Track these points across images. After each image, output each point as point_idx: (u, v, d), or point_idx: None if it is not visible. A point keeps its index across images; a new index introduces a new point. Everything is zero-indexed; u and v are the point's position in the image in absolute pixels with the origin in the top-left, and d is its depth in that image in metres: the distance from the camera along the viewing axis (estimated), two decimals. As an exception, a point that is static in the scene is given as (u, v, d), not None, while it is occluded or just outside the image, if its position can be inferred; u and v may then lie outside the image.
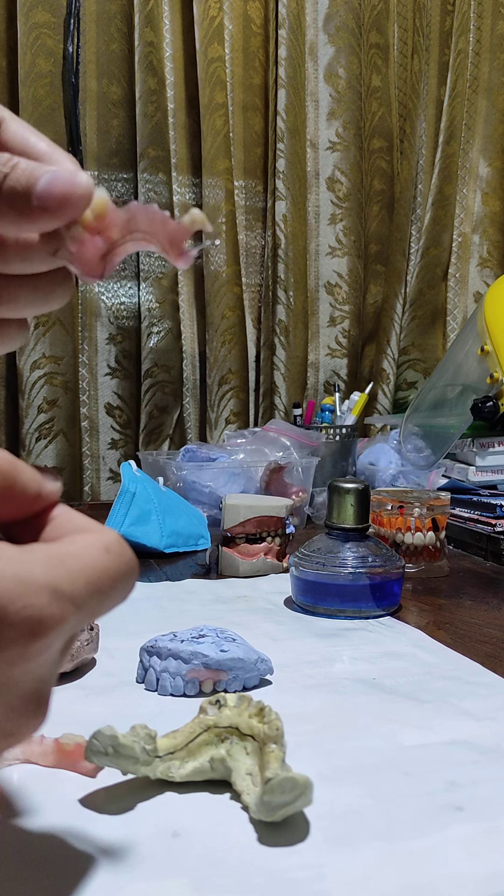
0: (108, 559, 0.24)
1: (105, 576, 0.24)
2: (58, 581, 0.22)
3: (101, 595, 0.24)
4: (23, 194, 0.25)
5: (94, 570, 0.23)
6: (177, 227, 0.27)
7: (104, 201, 0.26)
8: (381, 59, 1.58)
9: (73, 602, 0.23)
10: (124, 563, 0.25)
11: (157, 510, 0.91)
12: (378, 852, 0.32)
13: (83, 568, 0.23)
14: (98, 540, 0.24)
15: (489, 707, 0.47)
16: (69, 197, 0.25)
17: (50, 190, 0.25)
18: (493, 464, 1.12)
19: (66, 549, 0.24)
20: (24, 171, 0.25)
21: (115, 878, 0.30)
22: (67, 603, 0.22)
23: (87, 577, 0.23)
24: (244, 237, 1.54)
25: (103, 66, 1.42)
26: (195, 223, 0.27)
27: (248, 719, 0.37)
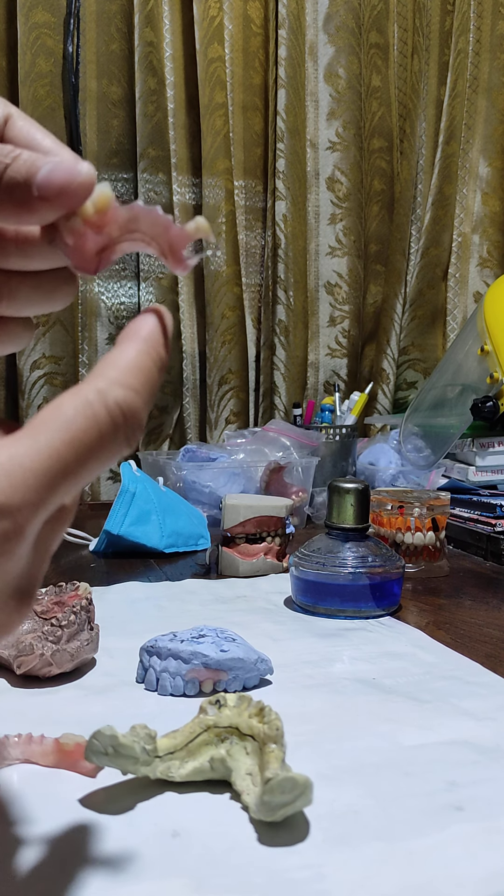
0: (75, 431, 0.22)
1: (68, 457, 0.22)
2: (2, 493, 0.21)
3: (71, 478, 0.22)
4: (23, 184, 0.25)
5: (56, 453, 0.22)
6: (179, 233, 0.26)
7: (107, 196, 0.26)
8: (381, 59, 1.58)
9: (28, 507, 0.21)
10: (92, 428, 0.23)
11: (157, 510, 0.91)
12: (378, 852, 0.32)
13: (41, 456, 0.22)
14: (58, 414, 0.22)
15: (489, 707, 0.47)
16: (69, 185, 0.25)
17: (50, 178, 0.25)
18: (493, 464, 1.12)
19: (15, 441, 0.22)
20: (25, 161, 0.25)
21: (115, 877, 0.30)
22: (21, 512, 0.21)
23: (46, 467, 0.22)
24: (244, 237, 1.54)
25: (103, 66, 1.42)
26: (199, 231, 0.26)
27: (248, 719, 0.37)
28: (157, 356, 0.25)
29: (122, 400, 0.23)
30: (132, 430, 0.24)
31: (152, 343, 0.25)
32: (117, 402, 0.23)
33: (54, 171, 0.25)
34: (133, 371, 0.24)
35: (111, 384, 0.23)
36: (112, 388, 0.23)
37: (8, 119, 0.27)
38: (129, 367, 0.24)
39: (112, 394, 0.23)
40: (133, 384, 0.24)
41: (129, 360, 0.24)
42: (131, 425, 0.23)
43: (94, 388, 0.23)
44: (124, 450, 0.24)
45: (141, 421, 0.24)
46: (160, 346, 0.25)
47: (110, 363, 0.24)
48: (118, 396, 0.23)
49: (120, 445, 0.23)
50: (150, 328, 0.25)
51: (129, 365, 0.24)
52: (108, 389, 0.23)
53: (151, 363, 0.25)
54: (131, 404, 0.23)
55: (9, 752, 0.39)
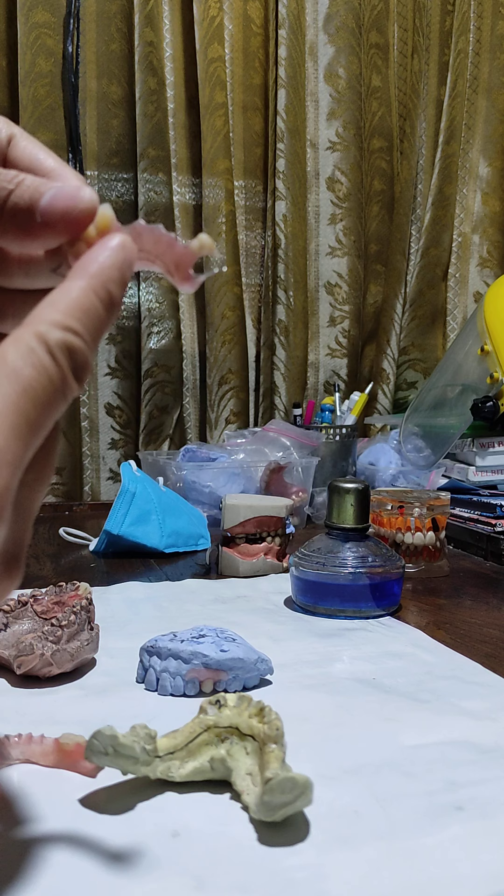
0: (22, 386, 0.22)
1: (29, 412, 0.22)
2: None
3: (35, 428, 0.22)
4: (26, 210, 0.25)
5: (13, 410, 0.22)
6: (183, 251, 0.26)
7: (108, 217, 0.26)
8: (381, 59, 1.58)
9: (5, 467, 0.21)
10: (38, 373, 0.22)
11: (157, 510, 0.91)
12: (378, 852, 0.32)
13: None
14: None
15: (489, 707, 0.47)
16: (71, 212, 0.25)
17: (53, 205, 0.25)
18: (493, 464, 1.12)
19: None
20: (28, 186, 0.25)
21: (115, 878, 0.30)
22: (1, 473, 0.21)
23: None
24: (244, 237, 1.54)
25: (103, 66, 1.42)
26: (203, 248, 0.26)
27: (248, 719, 0.37)
28: (105, 294, 0.24)
29: (62, 340, 0.22)
30: (78, 371, 0.23)
31: (101, 279, 0.24)
32: (58, 344, 0.22)
33: (57, 198, 0.25)
34: (74, 311, 0.23)
35: (50, 327, 0.23)
36: (51, 331, 0.22)
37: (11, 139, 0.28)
38: (69, 308, 0.23)
39: (52, 336, 0.22)
40: (72, 325, 0.23)
41: (71, 299, 0.23)
42: (76, 367, 0.23)
43: (34, 333, 0.22)
44: (75, 392, 0.23)
45: (85, 361, 0.23)
46: (111, 283, 0.24)
47: (50, 303, 0.23)
48: (59, 338, 0.22)
49: (71, 388, 0.23)
50: (101, 263, 0.24)
51: (69, 305, 0.23)
52: (47, 332, 0.22)
53: (98, 301, 0.24)
54: (72, 344, 0.23)
55: (9, 752, 0.39)
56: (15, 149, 0.28)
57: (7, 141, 0.28)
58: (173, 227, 1.47)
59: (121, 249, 0.25)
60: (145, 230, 0.26)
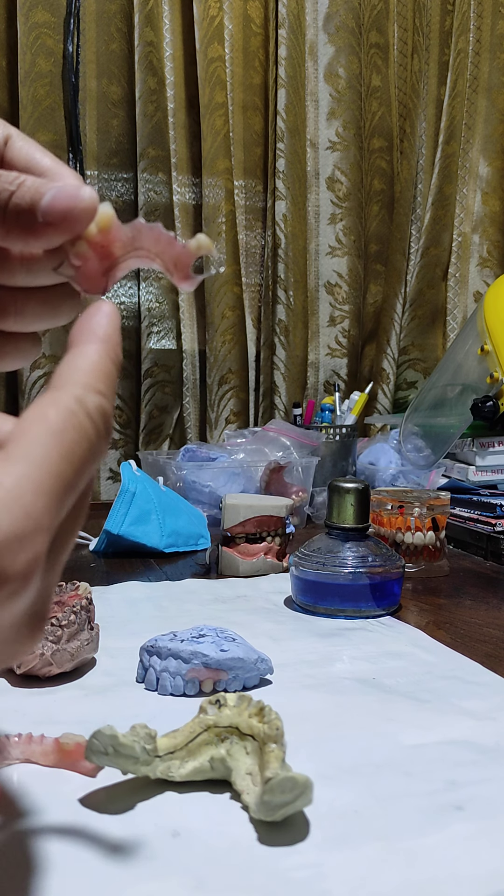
0: (66, 457, 0.22)
1: (67, 478, 0.22)
2: (18, 526, 0.20)
3: (72, 490, 0.22)
4: (28, 210, 0.25)
5: (58, 478, 0.22)
6: (182, 251, 0.26)
7: (109, 216, 0.26)
8: (381, 59, 1.58)
9: (43, 531, 0.21)
10: (80, 442, 0.22)
11: (157, 510, 0.91)
12: (378, 852, 0.32)
13: (42, 488, 0.21)
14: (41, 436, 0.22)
15: (489, 707, 0.47)
16: (72, 211, 0.25)
17: (54, 204, 0.25)
18: (493, 463, 1.12)
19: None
20: (29, 188, 0.26)
21: (115, 878, 0.30)
22: (37, 538, 0.21)
23: (50, 493, 0.21)
24: (244, 237, 1.54)
25: (103, 66, 1.42)
26: (201, 248, 0.26)
27: (248, 719, 0.37)
28: (115, 357, 0.25)
29: (98, 405, 0.23)
30: (109, 432, 0.24)
31: (111, 344, 0.25)
32: (95, 408, 0.23)
33: (57, 197, 0.25)
34: (99, 375, 0.24)
35: (86, 391, 0.23)
36: (88, 395, 0.23)
37: (7, 140, 0.28)
38: (95, 372, 0.24)
39: (90, 401, 0.23)
40: (102, 388, 0.24)
41: (94, 363, 0.24)
42: (108, 428, 0.23)
43: (73, 397, 0.23)
44: (105, 454, 0.24)
45: (112, 423, 0.24)
46: (118, 347, 0.25)
47: (77, 367, 0.24)
48: (95, 402, 0.23)
49: (103, 449, 0.23)
50: (107, 329, 0.25)
51: (94, 369, 0.24)
52: (84, 397, 0.23)
53: (112, 365, 0.25)
54: (105, 409, 0.23)
55: (9, 752, 0.39)
56: (11, 149, 0.28)
57: (3, 142, 0.28)
58: (173, 227, 1.47)
59: (116, 316, 0.26)
60: (145, 228, 0.26)
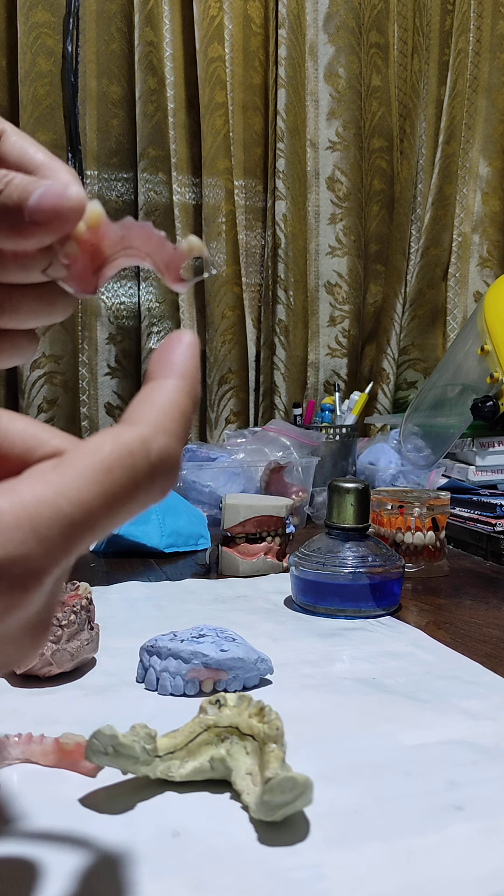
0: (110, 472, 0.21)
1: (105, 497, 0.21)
2: (38, 521, 0.20)
3: (97, 529, 0.21)
4: (15, 209, 0.25)
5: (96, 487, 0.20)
6: (173, 252, 0.26)
7: (98, 214, 0.26)
8: (381, 59, 1.58)
9: (51, 560, 0.20)
10: (134, 468, 0.21)
11: (157, 510, 0.91)
12: (378, 852, 0.32)
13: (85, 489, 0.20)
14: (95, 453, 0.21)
15: (489, 707, 0.47)
16: (59, 210, 0.25)
17: (41, 204, 0.25)
18: (493, 463, 1.12)
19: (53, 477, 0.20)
20: (17, 185, 0.25)
21: (115, 878, 0.30)
22: (43, 567, 0.20)
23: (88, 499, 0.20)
24: (244, 237, 1.54)
25: (103, 66, 1.42)
26: (192, 251, 0.26)
27: (248, 719, 0.37)
28: (194, 395, 0.23)
29: (164, 448, 0.22)
30: (168, 478, 0.22)
31: (190, 381, 0.23)
32: (160, 452, 0.21)
33: (45, 196, 0.25)
34: (175, 415, 0.22)
35: (156, 432, 0.22)
36: (157, 437, 0.21)
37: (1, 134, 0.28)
38: (171, 411, 0.22)
39: (156, 443, 0.21)
40: (175, 429, 0.22)
41: (172, 402, 0.22)
42: (169, 474, 0.22)
43: (139, 435, 0.21)
44: (158, 500, 0.22)
45: (178, 468, 0.22)
46: (197, 383, 0.24)
47: (153, 403, 0.22)
48: (161, 445, 0.21)
49: (154, 496, 0.22)
50: (187, 363, 0.24)
51: (171, 408, 0.22)
52: (152, 438, 0.21)
53: (191, 403, 0.23)
54: (172, 452, 0.22)
55: (9, 752, 0.39)
56: (5, 144, 0.28)
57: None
58: (173, 227, 1.47)
59: (196, 347, 0.24)
60: (135, 227, 0.26)
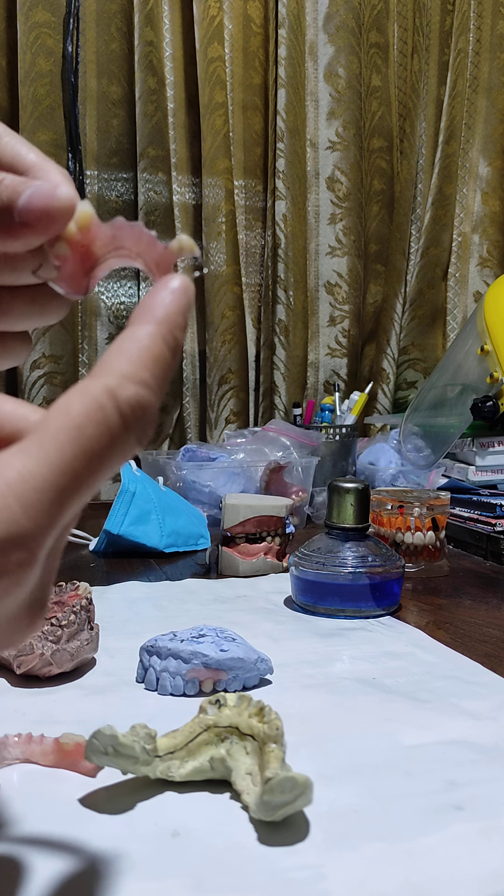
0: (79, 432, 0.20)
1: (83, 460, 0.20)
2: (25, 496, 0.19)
3: (83, 490, 0.21)
4: (5, 210, 0.25)
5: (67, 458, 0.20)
6: (164, 252, 0.26)
7: (88, 214, 0.25)
8: (381, 59, 1.58)
9: (43, 531, 0.20)
10: (100, 426, 0.21)
11: (156, 510, 0.91)
12: (378, 852, 0.32)
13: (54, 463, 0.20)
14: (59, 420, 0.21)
15: (489, 707, 0.47)
16: (49, 210, 0.25)
17: (30, 204, 0.24)
18: (493, 463, 1.12)
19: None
20: (7, 186, 0.25)
21: (115, 878, 0.30)
22: (35, 538, 0.20)
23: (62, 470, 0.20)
24: (244, 237, 1.54)
25: (103, 66, 1.42)
26: (183, 250, 0.25)
27: (247, 719, 0.37)
28: (173, 340, 0.23)
29: (133, 398, 0.21)
30: (144, 428, 0.22)
31: (169, 325, 0.23)
32: (129, 402, 0.21)
33: (34, 197, 0.24)
34: (146, 361, 0.22)
35: (122, 380, 0.21)
36: (124, 386, 0.21)
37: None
38: (141, 358, 0.22)
39: (124, 393, 0.21)
40: (145, 377, 0.22)
41: (142, 348, 0.22)
42: (143, 424, 0.22)
43: (104, 387, 0.21)
44: (136, 450, 0.22)
45: (153, 417, 0.22)
46: (177, 329, 0.23)
47: (120, 352, 0.22)
48: (130, 395, 0.21)
49: (132, 447, 0.22)
50: (168, 308, 0.23)
51: (141, 354, 0.22)
52: (118, 387, 0.21)
53: (167, 349, 0.22)
54: (143, 401, 0.21)
55: (9, 752, 0.39)
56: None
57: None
58: (173, 227, 1.47)
59: (184, 293, 0.24)
60: (125, 227, 0.26)
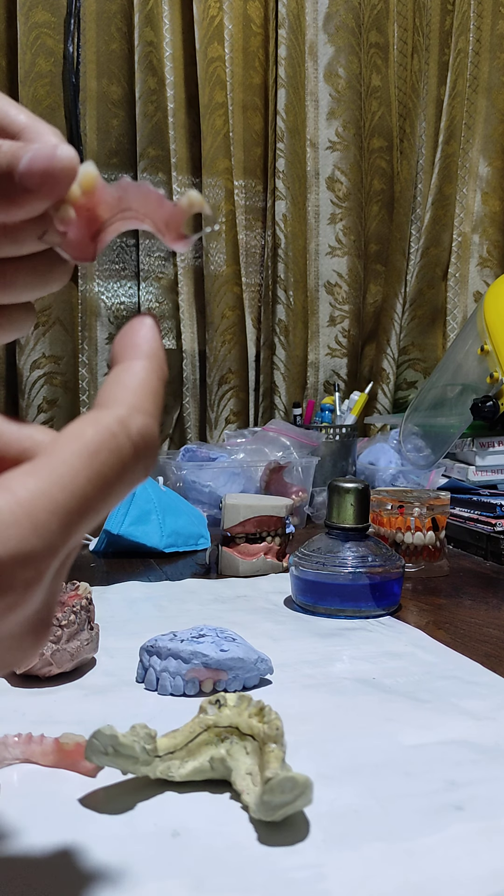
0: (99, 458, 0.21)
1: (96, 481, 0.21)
2: (36, 514, 0.20)
3: (93, 514, 0.21)
4: (5, 176, 0.24)
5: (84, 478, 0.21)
6: (173, 210, 0.25)
7: (92, 175, 0.25)
8: (381, 59, 1.58)
9: (51, 551, 0.20)
10: (115, 453, 0.21)
11: (156, 510, 0.91)
12: (378, 852, 0.32)
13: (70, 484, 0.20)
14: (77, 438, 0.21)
15: (489, 707, 0.47)
16: (51, 172, 0.24)
17: (31, 168, 0.24)
18: (493, 463, 1.12)
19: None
20: (5, 153, 0.24)
21: (115, 877, 0.30)
22: (43, 558, 0.20)
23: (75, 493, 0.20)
24: (244, 237, 1.54)
25: (103, 66, 1.42)
26: (193, 206, 0.25)
27: (247, 719, 0.37)
28: (162, 374, 0.24)
29: (143, 427, 0.22)
30: (152, 457, 0.23)
31: (157, 360, 0.24)
32: (140, 431, 0.22)
33: (34, 160, 0.24)
34: (147, 394, 0.23)
35: (132, 411, 0.22)
36: (133, 417, 0.22)
37: None
38: (143, 390, 0.23)
39: (134, 423, 0.22)
40: (149, 409, 0.23)
41: (141, 381, 0.23)
42: (151, 452, 0.22)
43: (116, 417, 0.22)
44: (143, 479, 0.23)
45: (158, 446, 0.23)
46: (164, 363, 0.24)
47: (125, 386, 0.23)
48: (140, 425, 0.22)
49: (140, 475, 0.22)
50: (151, 342, 0.24)
51: (143, 387, 0.23)
52: (129, 418, 0.22)
53: (159, 382, 0.23)
54: (151, 430, 0.22)
55: (9, 752, 0.39)
56: None
57: None
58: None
59: (157, 328, 0.25)
60: (132, 187, 0.25)
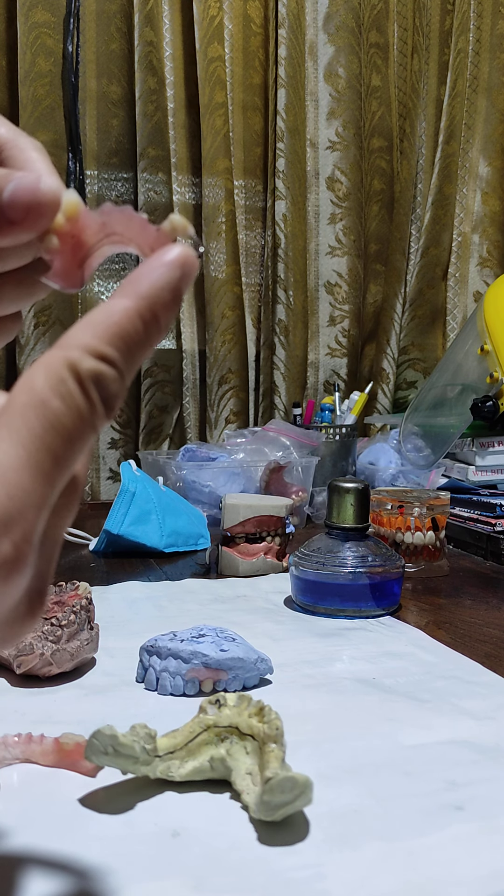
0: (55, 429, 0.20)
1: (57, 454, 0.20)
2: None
3: (63, 464, 0.20)
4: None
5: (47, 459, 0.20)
6: (157, 234, 0.25)
7: (74, 203, 0.25)
8: (381, 59, 1.58)
9: (31, 510, 0.20)
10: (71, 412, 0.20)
11: (156, 510, 0.90)
12: (378, 852, 0.32)
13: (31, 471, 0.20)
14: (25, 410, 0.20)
15: (489, 707, 0.47)
16: (34, 205, 0.24)
17: (14, 202, 0.24)
18: (493, 463, 1.12)
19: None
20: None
21: (115, 878, 0.30)
22: (25, 519, 0.20)
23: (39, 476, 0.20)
24: (244, 237, 1.54)
25: (103, 66, 1.42)
26: (176, 230, 0.24)
27: (247, 719, 0.37)
28: (151, 318, 0.21)
29: (91, 371, 0.20)
30: (109, 403, 0.21)
31: (150, 301, 0.21)
32: (90, 376, 0.20)
33: (17, 193, 0.24)
34: (112, 337, 0.21)
35: (82, 353, 0.20)
36: (83, 359, 0.20)
37: None
38: (108, 332, 0.21)
39: (84, 366, 0.20)
40: (107, 352, 0.21)
41: (112, 322, 0.21)
42: (106, 399, 0.21)
43: (65, 361, 0.20)
44: (105, 423, 0.21)
45: (117, 392, 0.21)
46: (160, 306, 0.22)
47: (88, 324, 0.21)
48: (89, 368, 0.20)
49: (100, 420, 0.21)
50: (154, 282, 0.22)
51: (109, 329, 0.21)
52: (79, 361, 0.20)
53: (142, 326, 0.21)
54: (103, 376, 0.21)
55: (9, 752, 0.39)
56: None
57: None
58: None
59: (178, 267, 0.22)
60: (115, 212, 0.25)
